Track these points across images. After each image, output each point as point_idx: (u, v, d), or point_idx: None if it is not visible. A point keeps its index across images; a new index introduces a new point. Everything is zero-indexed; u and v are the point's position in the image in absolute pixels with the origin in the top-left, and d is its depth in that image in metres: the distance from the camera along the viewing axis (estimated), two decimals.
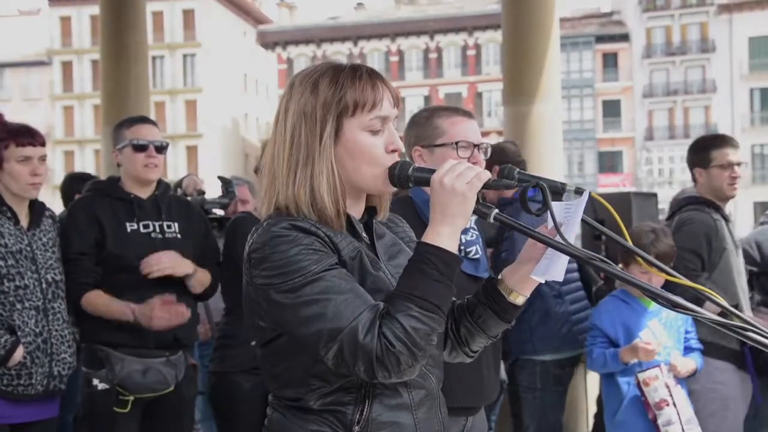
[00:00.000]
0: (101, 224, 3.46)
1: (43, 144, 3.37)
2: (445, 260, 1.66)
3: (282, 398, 1.80)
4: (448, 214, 1.68)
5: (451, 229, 1.68)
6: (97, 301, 3.42)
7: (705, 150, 4.16)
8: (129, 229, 3.48)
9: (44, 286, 3.32)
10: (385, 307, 1.64)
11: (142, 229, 3.51)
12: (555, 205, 1.78)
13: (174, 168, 47.24)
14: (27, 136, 3.30)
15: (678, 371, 3.76)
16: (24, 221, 3.36)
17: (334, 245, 1.72)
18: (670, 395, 3.68)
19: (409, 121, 2.95)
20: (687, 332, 3.92)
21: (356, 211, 1.84)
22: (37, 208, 3.44)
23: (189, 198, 5.57)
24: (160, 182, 3.68)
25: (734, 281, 4.03)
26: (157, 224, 3.55)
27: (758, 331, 1.54)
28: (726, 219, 4.13)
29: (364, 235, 1.83)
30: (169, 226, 3.58)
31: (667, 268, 1.74)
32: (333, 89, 1.76)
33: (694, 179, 4.24)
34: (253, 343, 1.84)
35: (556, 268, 1.76)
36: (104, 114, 9.07)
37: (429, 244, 1.67)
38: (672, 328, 3.88)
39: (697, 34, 46.78)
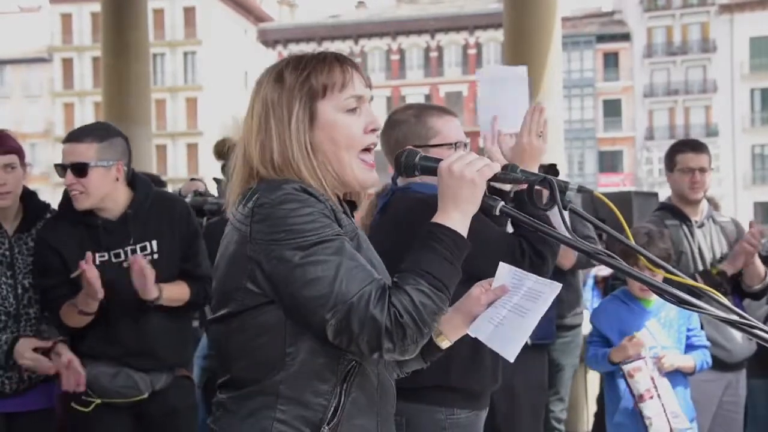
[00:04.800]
0: (65, 260, 3.13)
1: (9, 152, 3.22)
2: (456, 241, 1.65)
3: (241, 386, 1.68)
4: (460, 200, 1.66)
5: (462, 215, 1.67)
6: (64, 315, 3.19)
7: (671, 155, 4.26)
8: (98, 261, 3.09)
9: (20, 291, 3.25)
10: (395, 280, 1.61)
11: (113, 259, 3.16)
12: (506, 269, 1.83)
13: (174, 166, 47.28)
14: None
15: (661, 364, 3.76)
16: (11, 225, 3.29)
17: (337, 219, 1.68)
18: (654, 387, 3.70)
19: (389, 120, 2.87)
20: (690, 330, 3.92)
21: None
22: (33, 210, 3.35)
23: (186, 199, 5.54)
24: (137, 192, 3.24)
25: None
26: (129, 249, 3.18)
27: (764, 329, 1.54)
28: (689, 224, 4.17)
29: (353, 220, 1.82)
30: (143, 248, 3.20)
31: (668, 266, 1.73)
32: (297, 74, 1.74)
33: (668, 183, 4.33)
34: (214, 315, 1.72)
35: (506, 341, 1.74)
36: (105, 111, 9.08)
37: (441, 225, 1.65)
38: (671, 327, 3.88)
39: (698, 33, 46.77)
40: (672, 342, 3.86)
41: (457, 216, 1.66)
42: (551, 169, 3.40)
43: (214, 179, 5.74)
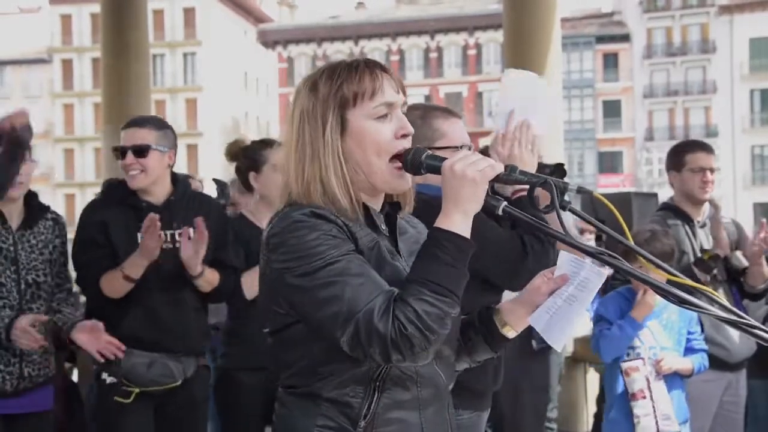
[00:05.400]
0: (109, 235, 3.38)
1: None
2: (458, 245, 1.67)
3: (290, 387, 1.81)
4: (461, 201, 1.69)
5: (463, 216, 1.69)
6: (105, 282, 3.35)
7: (679, 154, 4.22)
8: (140, 240, 3.33)
9: (23, 286, 3.34)
10: (399, 292, 1.65)
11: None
12: (565, 257, 1.83)
13: (174, 166, 47.29)
14: None
15: (660, 366, 3.77)
16: (15, 222, 3.38)
17: (351, 234, 1.73)
18: (648, 389, 3.73)
19: None
20: (690, 333, 3.92)
21: (375, 204, 1.86)
22: (34, 210, 3.45)
23: None
24: (177, 183, 3.54)
25: None
26: (168, 233, 3.42)
27: (764, 329, 1.54)
28: (691, 224, 4.17)
29: (383, 227, 1.85)
30: (181, 234, 3.44)
31: (668, 267, 1.74)
32: (330, 84, 1.79)
33: (670, 183, 4.29)
34: (266, 330, 1.84)
35: (555, 331, 1.79)
36: (105, 112, 9.09)
37: (442, 229, 1.68)
38: (672, 329, 3.88)
39: (697, 34, 46.79)
40: (672, 344, 3.86)
41: (458, 217, 1.69)
42: (558, 168, 3.36)
43: (214, 180, 5.75)
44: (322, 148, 1.77)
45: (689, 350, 3.91)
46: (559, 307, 1.81)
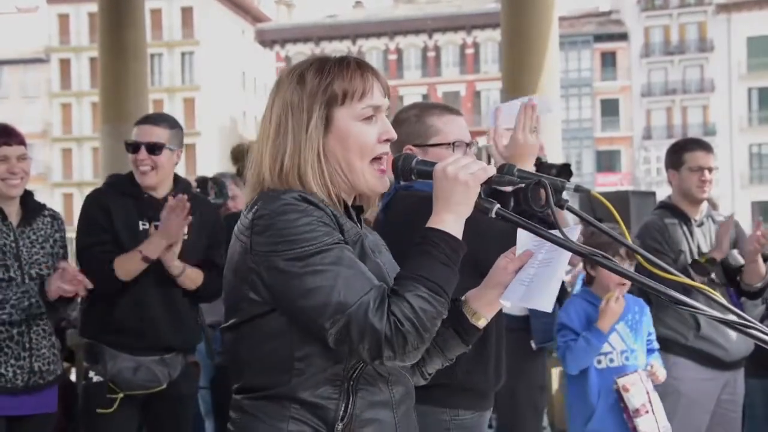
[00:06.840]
0: (113, 220, 3.50)
1: (21, 143, 3.42)
2: (451, 245, 1.65)
3: (256, 390, 1.72)
4: (452, 202, 1.67)
5: (456, 217, 1.68)
6: (120, 262, 3.45)
7: (678, 152, 4.20)
8: (141, 228, 3.51)
9: (27, 281, 3.37)
10: (393, 287, 1.62)
11: (153, 230, 3.50)
12: (525, 234, 1.78)
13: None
14: (2, 136, 3.38)
15: (657, 377, 3.71)
16: (14, 219, 3.42)
17: (339, 225, 1.70)
18: (650, 402, 3.61)
19: (393, 120, 2.83)
20: (649, 333, 3.87)
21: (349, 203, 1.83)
22: (31, 207, 3.49)
23: None
24: (178, 181, 3.68)
25: None
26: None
27: (760, 328, 1.54)
28: (689, 223, 4.15)
29: (357, 224, 1.82)
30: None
31: (665, 266, 1.73)
32: (319, 79, 1.75)
33: (669, 181, 4.27)
34: (227, 324, 1.76)
35: (538, 295, 1.74)
36: (102, 112, 9.08)
37: (435, 229, 1.66)
38: (638, 330, 3.81)
39: (695, 33, 46.80)
40: (639, 344, 3.79)
41: (450, 218, 1.67)
42: (564, 168, 3.33)
43: (212, 179, 5.77)
44: (304, 142, 1.73)
45: (648, 352, 3.84)
46: (534, 274, 1.77)
